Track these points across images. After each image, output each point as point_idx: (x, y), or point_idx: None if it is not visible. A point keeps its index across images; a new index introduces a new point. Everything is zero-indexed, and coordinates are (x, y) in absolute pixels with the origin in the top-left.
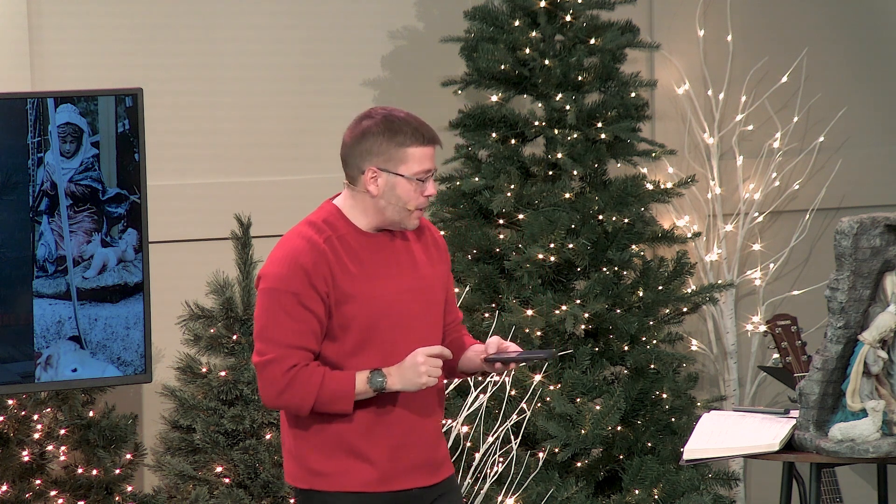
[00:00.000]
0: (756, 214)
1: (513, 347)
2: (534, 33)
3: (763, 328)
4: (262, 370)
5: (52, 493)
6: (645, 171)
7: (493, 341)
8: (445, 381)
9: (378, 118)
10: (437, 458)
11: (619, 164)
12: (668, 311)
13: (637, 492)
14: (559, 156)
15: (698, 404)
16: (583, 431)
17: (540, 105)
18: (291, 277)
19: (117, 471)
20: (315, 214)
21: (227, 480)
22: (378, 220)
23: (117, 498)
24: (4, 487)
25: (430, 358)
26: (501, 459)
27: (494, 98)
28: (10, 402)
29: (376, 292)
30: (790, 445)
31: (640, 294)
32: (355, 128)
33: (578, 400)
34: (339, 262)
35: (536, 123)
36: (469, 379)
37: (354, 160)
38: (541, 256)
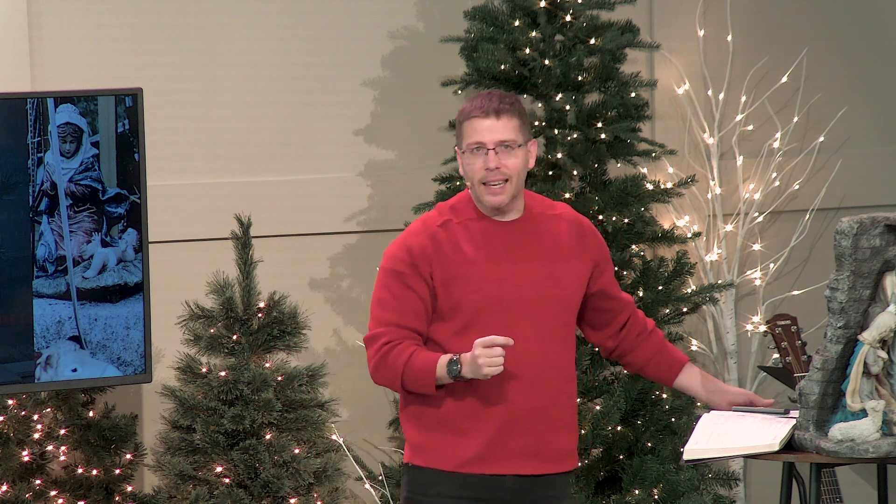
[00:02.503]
0: (756, 214)
1: (762, 403)
2: (534, 33)
3: (763, 328)
4: (365, 346)
5: (52, 493)
6: (645, 171)
7: (744, 394)
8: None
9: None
10: (548, 452)
11: (619, 164)
12: (668, 311)
13: (637, 492)
14: (559, 156)
15: (698, 404)
16: (583, 431)
17: (540, 105)
18: (398, 257)
19: (117, 471)
20: (448, 201)
21: (227, 480)
22: (479, 202)
23: (117, 498)
24: (4, 487)
25: (485, 349)
26: None
27: None
28: (10, 402)
29: (489, 276)
30: (790, 445)
31: (640, 294)
32: None
33: (578, 400)
34: (453, 244)
35: (536, 123)
36: None
37: None
38: None
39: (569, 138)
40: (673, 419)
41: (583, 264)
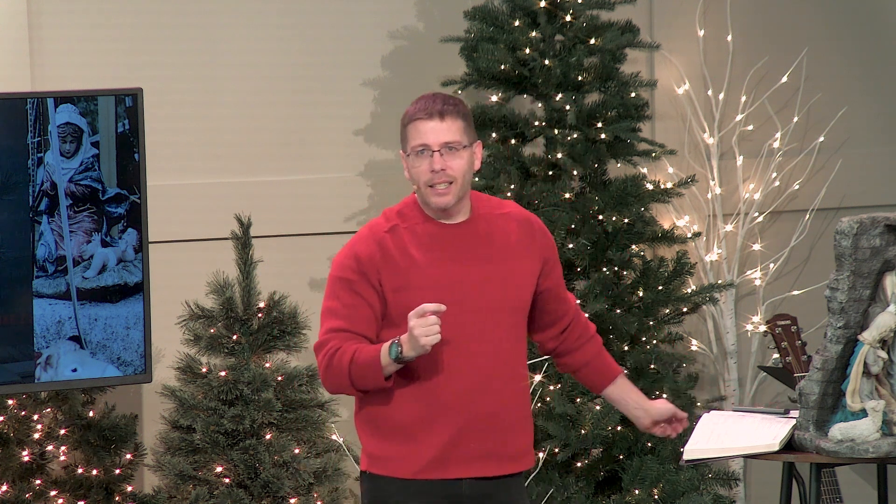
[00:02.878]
0: (756, 214)
1: (681, 415)
2: (534, 33)
3: (763, 328)
4: (315, 354)
5: (52, 493)
6: (645, 171)
7: (667, 410)
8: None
9: None
10: (503, 453)
11: (619, 164)
12: (668, 311)
13: (637, 492)
14: (559, 156)
15: (698, 404)
16: (583, 431)
17: (540, 105)
18: (346, 265)
19: (117, 471)
20: (395, 206)
21: (227, 480)
22: (426, 205)
23: (117, 498)
24: (4, 487)
25: (419, 320)
26: None
27: (494, 98)
28: (10, 402)
29: (438, 281)
30: (790, 445)
31: (640, 294)
32: None
33: (578, 400)
34: (401, 250)
35: (536, 123)
36: None
37: None
38: None
39: (569, 138)
40: None
41: (533, 263)
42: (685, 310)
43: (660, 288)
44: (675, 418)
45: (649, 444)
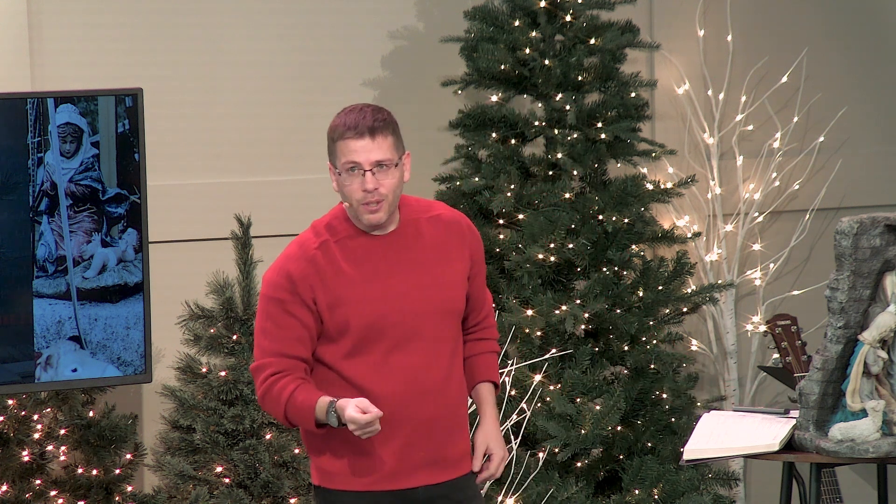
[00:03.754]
0: (756, 214)
1: (493, 453)
2: (534, 33)
3: (763, 328)
4: (252, 375)
5: (52, 493)
6: (645, 171)
7: (480, 445)
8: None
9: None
10: (450, 456)
11: (619, 164)
12: (668, 311)
13: (637, 492)
14: (559, 156)
15: (698, 404)
16: (583, 431)
17: (540, 105)
18: (279, 284)
19: (117, 471)
20: (323, 217)
21: (227, 480)
22: (355, 218)
23: (117, 498)
24: (4, 487)
25: (361, 423)
26: None
27: (494, 98)
28: (10, 402)
29: (373, 295)
30: (790, 445)
31: (640, 294)
32: None
33: (578, 400)
34: (333, 266)
35: (536, 123)
36: None
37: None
38: (541, 256)
39: (569, 138)
40: (673, 419)
41: (463, 263)
42: (685, 310)
43: (660, 288)
44: (489, 449)
45: (649, 445)
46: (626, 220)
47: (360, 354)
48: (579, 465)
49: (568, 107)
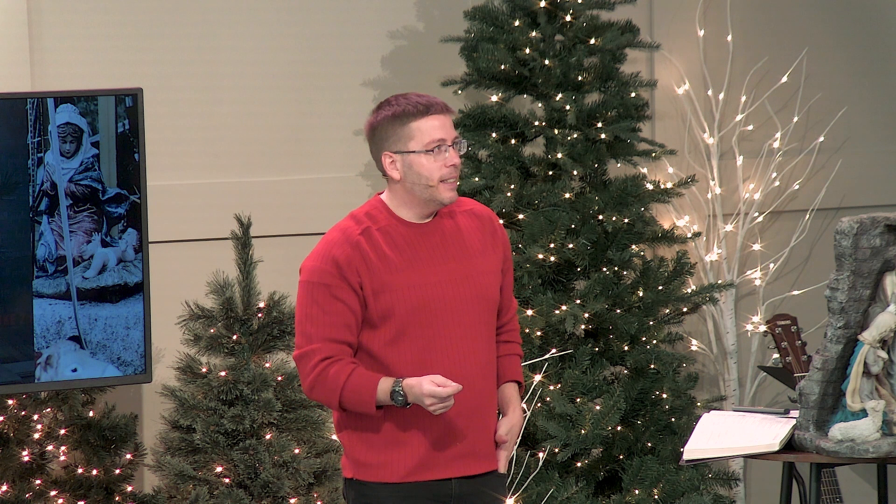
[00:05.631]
0: (756, 214)
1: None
2: (534, 33)
3: (763, 328)
4: (297, 363)
5: (52, 493)
6: (645, 171)
7: (500, 437)
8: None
9: (380, 106)
10: (482, 450)
11: (619, 164)
12: (668, 311)
13: (637, 492)
14: (559, 156)
15: (698, 404)
16: (583, 431)
17: (540, 105)
18: (324, 270)
19: (117, 471)
20: (360, 208)
21: (227, 480)
22: (415, 204)
23: (117, 498)
24: (4, 487)
25: (437, 399)
26: None
27: (494, 98)
28: (10, 402)
29: (416, 281)
30: (790, 445)
31: (640, 294)
32: (367, 124)
33: (578, 400)
34: (377, 252)
35: (536, 123)
36: None
37: (376, 154)
38: (541, 256)
39: (569, 138)
40: (673, 419)
41: (497, 258)
42: (685, 310)
43: (660, 288)
44: (500, 440)
45: (649, 445)
46: (626, 220)
47: (403, 341)
48: (579, 465)
49: (568, 107)
